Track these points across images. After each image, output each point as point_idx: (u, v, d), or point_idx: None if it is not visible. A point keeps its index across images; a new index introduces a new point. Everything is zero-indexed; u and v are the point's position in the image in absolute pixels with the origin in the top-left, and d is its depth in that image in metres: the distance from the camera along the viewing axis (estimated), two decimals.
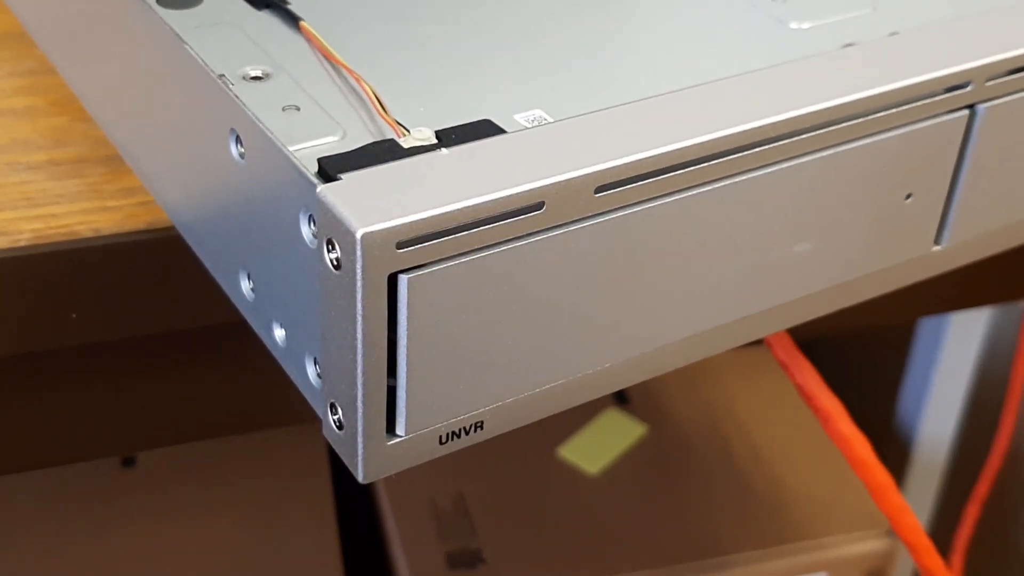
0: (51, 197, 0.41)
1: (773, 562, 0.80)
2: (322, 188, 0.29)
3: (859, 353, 1.01)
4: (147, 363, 0.45)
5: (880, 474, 0.43)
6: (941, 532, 0.94)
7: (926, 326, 0.92)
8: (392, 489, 0.83)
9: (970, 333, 0.90)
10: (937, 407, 0.93)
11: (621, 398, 0.90)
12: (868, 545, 0.81)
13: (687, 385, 0.91)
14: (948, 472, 0.95)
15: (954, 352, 0.91)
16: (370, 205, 0.28)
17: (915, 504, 0.96)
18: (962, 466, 0.94)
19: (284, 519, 0.81)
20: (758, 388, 0.91)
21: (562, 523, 0.82)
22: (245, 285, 0.35)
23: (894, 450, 0.96)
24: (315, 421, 0.33)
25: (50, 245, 0.40)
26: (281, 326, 0.33)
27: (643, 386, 0.91)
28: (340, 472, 0.84)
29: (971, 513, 0.85)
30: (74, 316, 0.41)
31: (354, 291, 0.28)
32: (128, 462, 0.83)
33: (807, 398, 0.43)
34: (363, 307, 0.28)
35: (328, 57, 0.34)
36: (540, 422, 0.32)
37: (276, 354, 0.34)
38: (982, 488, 0.84)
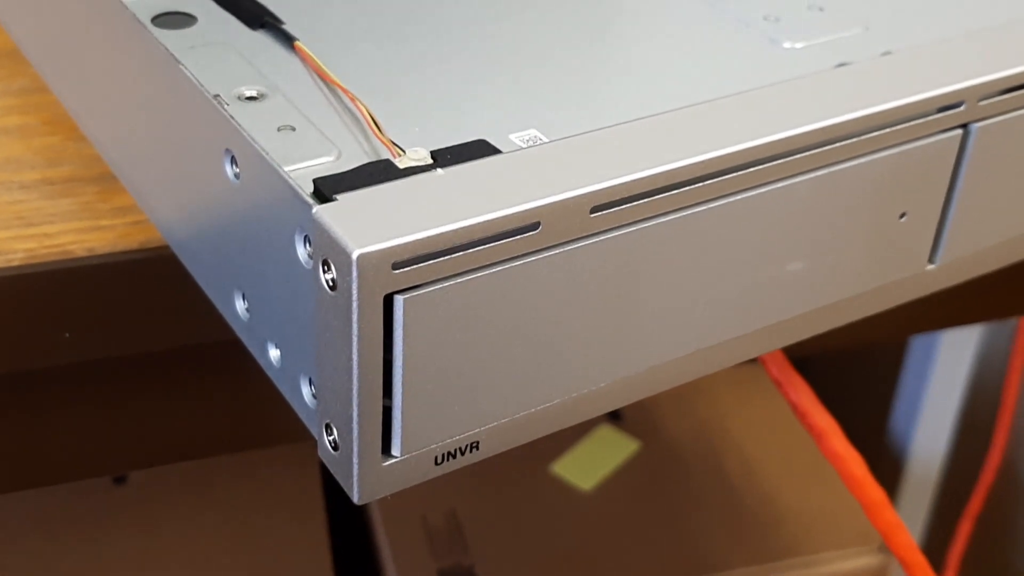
0: (44, 216, 0.41)
1: None
2: (318, 209, 0.28)
3: (852, 370, 1.01)
4: (140, 382, 0.45)
5: (874, 491, 0.43)
6: (934, 548, 0.94)
7: (918, 343, 0.92)
8: (385, 506, 0.83)
9: (962, 350, 0.91)
10: (929, 423, 0.93)
11: (614, 415, 0.90)
12: (861, 561, 0.81)
13: (680, 402, 0.91)
14: (940, 488, 0.95)
15: (946, 369, 0.91)
16: (366, 226, 0.28)
17: (908, 520, 0.96)
18: (955, 482, 0.95)
19: (277, 537, 0.81)
20: (751, 405, 0.91)
21: (555, 539, 0.82)
22: (240, 305, 0.34)
23: (887, 466, 0.96)
24: (308, 440, 0.32)
25: (43, 264, 0.39)
26: (276, 346, 0.33)
27: (636, 403, 0.91)
28: (333, 489, 0.84)
29: (964, 529, 0.85)
30: (67, 335, 0.41)
31: (350, 312, 0.28)
32: (120, 480, 0.83)
33: (801, 415, 0.43)
34: (359, 328, 0.28)
35: (323, 77, 0.34)
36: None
37: (270, 374, 0.34)
38: (975, 504, 0.84)
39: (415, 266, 0.28)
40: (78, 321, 0.41)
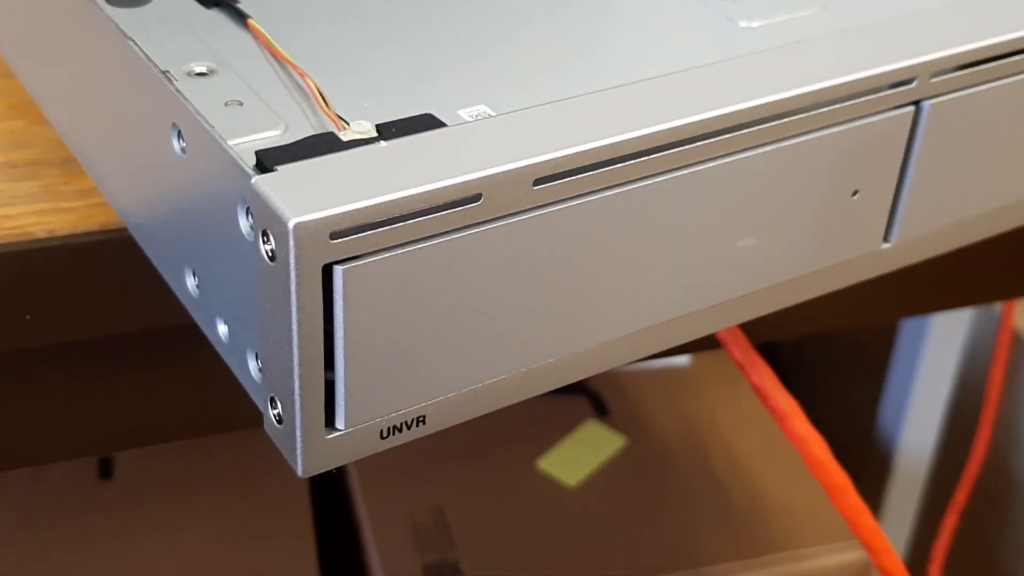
0: (6, 198, 0.41)
1: (751, 573, 0.80)
2: (257, 179, 0.29)
3: (840, 365, 1.01)
4: (110, 364, 0.45)
5: (837, 474, 0.42)
6: (922, 542, 0.94)
7: (906, 336, 0.92)
8: (371, 501, 0.83)
9: (950, 343, 0.90)
10: (917, 417, 0.93)
11: (600, 410, 0.90)
12: (846, 556, 0.81)
13: (666, 397, 0.91)
14: (929, 482, 0.95)
15: (934, 362, 0.91)
16: (304, 195, 0.28)
17: (896, 514, 0.95)
18: (943, 476, 0.94)
19: (262, 532, 0.81)
20: (736, 400, 0.91)
21: (541, 535, 0.81)
22: (190, 282, 0.34)
23: (875, 461, 0.96)
24: None
25: (3, 246, 0.39)
26: (224, 322, 0.33)
27: (622, 398, 0.91)
28: (319, 485, 0.84)
29: (949, 522, 0.84)
30: (28, 317, 0.41)
31: (288, 282, 0.28)
32: (105, 474, 0.83)
33: (763, 398, 0.43)
34: (298, 298, 0.28)
35: (274, 53, 0.34)
36: (518, 434, 0.32)
37: (220, 350, 0.34)
38: (960, 497, 0.84)
39: (354, 236, 0.28)
40: (38, 303, 0.41)
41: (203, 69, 0.33)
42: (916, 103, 0.36)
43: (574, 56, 0.36)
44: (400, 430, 0.32)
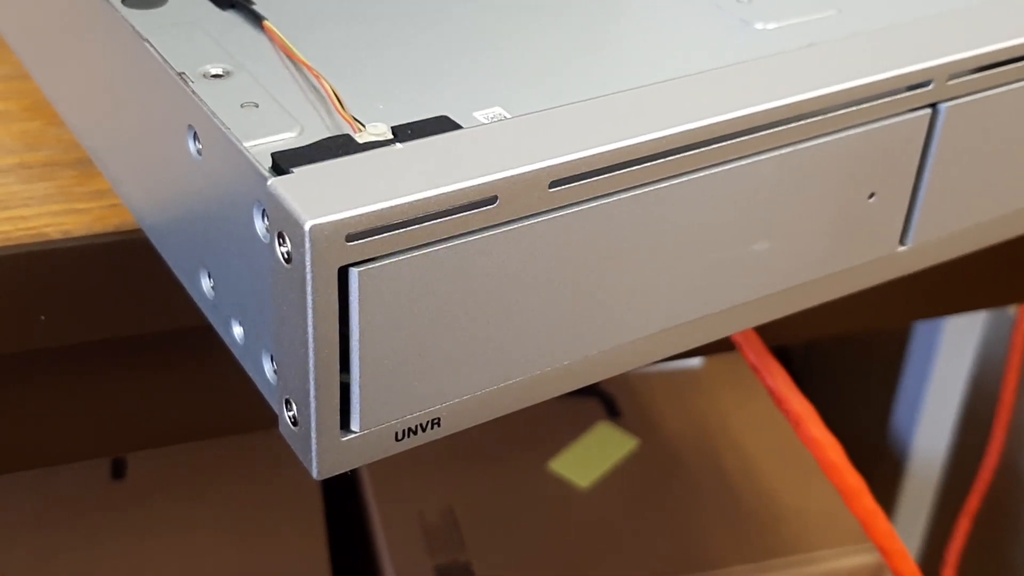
0: (21, 199, 0.41)
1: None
2: (273, 181, 0.29)
3: (853, 368, 1.01)
4: (124, 365, 0.45)
5: (851, 478, 0.42)
6: (935, 546, 0.94)
7: (919, 339, 0.91)
8: (382, 502, 0.83)
9: (963, 346, 0.90)
10: (930, 421, 0.93)
11: (612, 411, 0.90)
12: (858, 559, 0.81)
13: (678, 399, 0.91)
14: (942, 486, 0.95)
15: (947, 365, 0.91)
16: (320, 197, 0.28)
17: (909, 518, 0.95)
18: (956, 480, 0.94)
19: (274, 533, 0.81)
20: (748, 402, 0.90)
21: (552, 536, 0.81)
22: (205, 283, 0.35)
23: (888, 464, 0.96)
24: None
25: (18, 247, 0.39)
26: (239, 323, 0.33)
27: (634, 400, 0.91)
28: (330, 484, 0.84)
29: (962, 526, 0.84)
30: (43, 318, 0.41)
31: (304, 284, 0.28)
32: (117, 474, 0.83)
33: (777, 401, 0.43)
34: (313, 300, 0.28)
35: (289, 55, 0.34)
36: (530, 435, 0.32)
37: (235, 352, 0.34)
38: (973, 502, 0.84)
39: (370, 238, 0.28)
40: (53, 304, 0.41)
41: (219, 71, 0.33)
42: (933, 106, 0.36)
43: (589, 58, 0.36)
44: (415, 432, 0.32)
